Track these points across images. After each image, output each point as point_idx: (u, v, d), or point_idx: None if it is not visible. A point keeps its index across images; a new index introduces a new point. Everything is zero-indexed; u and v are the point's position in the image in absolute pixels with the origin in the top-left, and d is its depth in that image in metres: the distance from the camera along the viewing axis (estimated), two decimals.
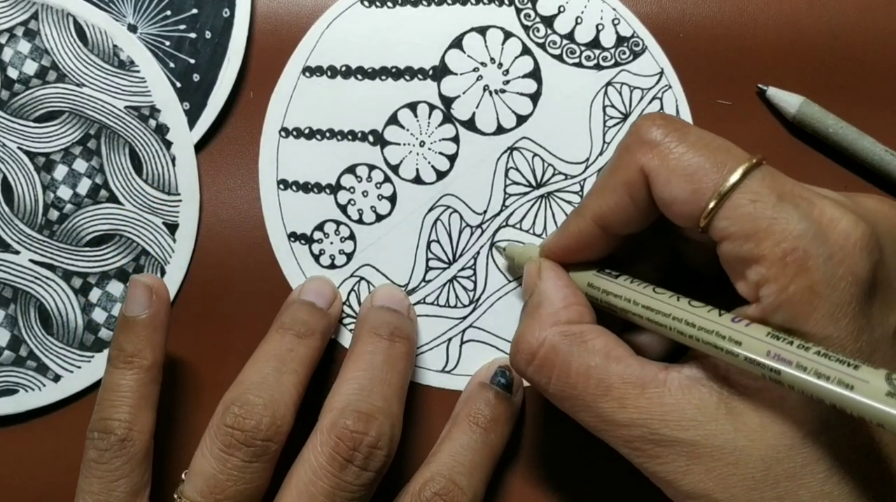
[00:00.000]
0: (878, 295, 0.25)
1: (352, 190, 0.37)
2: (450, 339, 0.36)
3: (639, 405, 0.26)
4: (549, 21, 0.37)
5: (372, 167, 0.37)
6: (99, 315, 0.36)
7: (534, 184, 0.36)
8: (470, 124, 0.36)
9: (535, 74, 0.36)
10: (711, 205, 0.25)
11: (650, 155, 0.26)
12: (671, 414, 0.26)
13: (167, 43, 0.37)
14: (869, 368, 0.21)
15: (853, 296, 0.24)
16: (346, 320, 0.36)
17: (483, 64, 0.37)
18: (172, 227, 0.37)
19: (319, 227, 0.37)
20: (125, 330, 0.32)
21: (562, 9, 0.37)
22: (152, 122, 0.36)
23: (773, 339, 0.23)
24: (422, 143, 0.37)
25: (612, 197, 0.28)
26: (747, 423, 0.25)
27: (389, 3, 0.37)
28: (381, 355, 0.32)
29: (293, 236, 0.37)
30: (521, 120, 0.36)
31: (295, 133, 0.37)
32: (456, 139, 0.36)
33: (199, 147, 0.37)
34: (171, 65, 0.37)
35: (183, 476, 0.31)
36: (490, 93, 0.37)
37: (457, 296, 0.36)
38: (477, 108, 0.37)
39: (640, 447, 0.26)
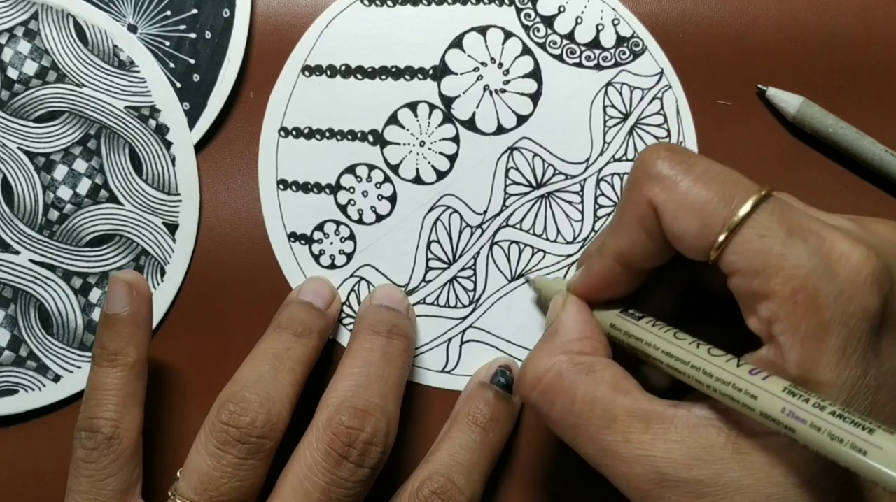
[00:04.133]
0: (887, 328, 0.25)
1: (352, 190, 0.37)
2: (450, 339, 0.36)
3: (643, 440, 0.26)
4: (549, 21, 0.37)
5: (372, 167, 0.37)
6: (99, 315, 0.36)
7: (534, 184, 0.36)
8: (470, 124, 0.36)
9: (536, 74, 0.36)
10: (721, 239, 0.25)
11: (657, 189, 0.26)
12: (675, 451, 0.25)
13: (167, 43, 0.37)
14: (884, 433, 0.21)
15: (863, 332, 0.24)
16: (346, 320, 0.36)
17: (483, 64, 0.37)
18: (172, 227, 0.37)
19: (319, 227, 0.37)
20: (107, 328, 0.32)
21: (562, 9, 0.37)
22: (152, 122, 0.36)
23: (789, 396, 0.23)
24: (422, 143, 0.37)
25: (629, 234, 0.27)
26: (754, 462, 0.25)
27: (389, 3, 0.37)
28: (379, 352, 0.32)
29: (293, 236, 0.37)
30: (522, 120, 0.36)
31: (294, 133, 0.37)
32: (456, 139, 0.36)
33: (199, 147, 0.37)
34: (171, 65, 0.37)
35: (178, 473, 0.31)
36: (490, 92, 0.37)
37: (457, 296, 0.36)
38: (477, 107, 0.37)
39: (641, 487, 0.26)
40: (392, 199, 0.37)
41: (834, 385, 0.24)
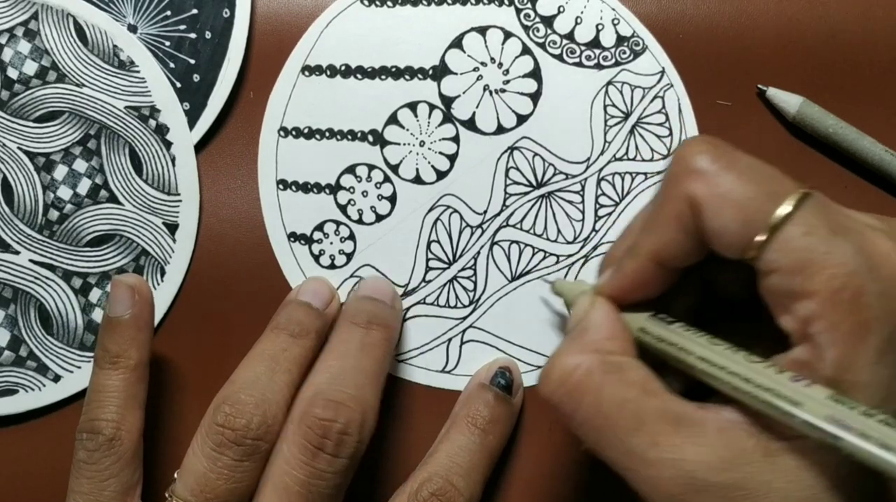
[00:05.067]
0: None
1: (352, 190, 0.37)
2: (450, 340, 0.36)
3: (672, 443, 0.25)
4: (548, 21, 0.37)
5: (372, 167, 0.37)
6: (99, 315, 0.36)
7: (534, 183, 0.36)
8: (470, 124, 0.36)
9: (536, 74, 0.36)
10: (763, 237, 0.24)
11: (698, 183, 0.25)
12: (706, 454, 0.25)
13: (167, 43, 0.37)
14: None
15: None
16: None
17: (483, 64, 0.37)
18: (172, 227, 0.37)
19: (319, 227, 0.37)
20: (109, 330, 0.32)
21: (561, 9, 0.37)
22: (152, 122, 0.36)
23: (835, 403, 0.22)
24: (422, 143, 0.37)
25: (665, 232, 0.27)
26: (785, 466, 0.24)
27: (389, 3, 0.37)
28: (356, 343, 0.32)
29: (293, 236, 0.37)
30: (522, 119, 0.36)
31: (294, 133, 0.37)
32: (456, 139, 0.36)
33: (199, 147, 0.37)
34: (171, 65, 0.37)
35: (175, 475, 0.31)
36: (490, 92, 0.37)
37: (457, 297, 0.36)
38: (477, 107, 0.37)
39: (670, 490, 0.25)
40: (392, 199, 0.37)
41: (870, 385, 0.23)
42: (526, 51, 0.37)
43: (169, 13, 0.37)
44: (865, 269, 0.23)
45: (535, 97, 0.36)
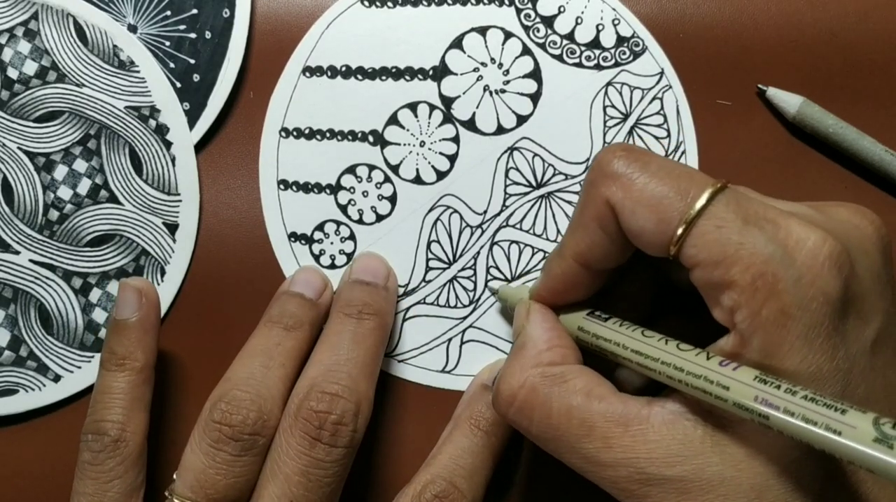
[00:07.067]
0: (852, 309, 0.25)
1: (352, 190, 0.37)
2: (450, 339, 0.36)
3: (623, 444, 0.26)
4: (549, 21, 0.37)
5: (372, 167, 0.37)
6: (99, 315, 0.36)
7: (534, 184, 0.36)
8: (470, 124, 0.36)
9: (536, 74, 0.36)
10: (678, 233, 0.25)
11: (614, 187, 0.26)
12: (656, 451, 0.25)
13: (167, 43, 0.37)
14: (857, 412, 0.21)
15: (825, 316, 0.24)
16: None
17: (483, 64, 0.37)
18: (172, 227, 0.37)
19: (320, 227, 0.37)
20: (116, 333, 0.33)
21: (562, 9, 0.37)
22: (152, 122, 0.36)
23: (761, 384, 0.23)
24: (422, 143, 0.37)
25: (587, 234, 0.28)
26: (733, 454, 0.25)
27: (390, 3, 0.37)
28: (348, 334, 0.32)
29: (293, 236, 0.37)
30: (522, 120, 0.36)
31: (295, 133, 0.37)
32: (456, 139, 0.37)
33: (199, 147, 0.37)
34: (171, 65, 0.37)
35: (174, 476, 0.31)
36: (490, 93, 0.37)
37: (457, 296, 0.36)
38: (477, 108, 0.37)
39: (627, 488, 0.26)
40: (392, 199, 0.37)
41: (798, 371, 0.24)
42: (526, 51, 0.37)
43: (169, 13, 0.37)
44: (779, 257, 0.24)
45: (535, 97, 0.36)
